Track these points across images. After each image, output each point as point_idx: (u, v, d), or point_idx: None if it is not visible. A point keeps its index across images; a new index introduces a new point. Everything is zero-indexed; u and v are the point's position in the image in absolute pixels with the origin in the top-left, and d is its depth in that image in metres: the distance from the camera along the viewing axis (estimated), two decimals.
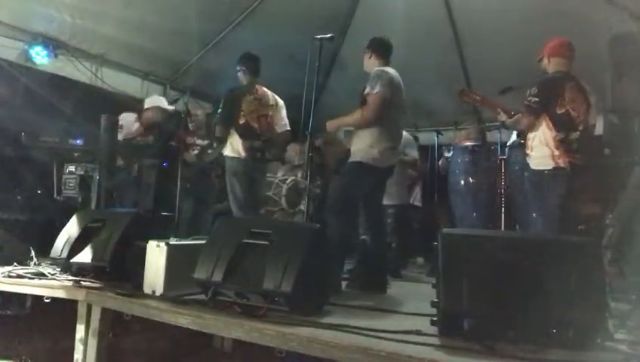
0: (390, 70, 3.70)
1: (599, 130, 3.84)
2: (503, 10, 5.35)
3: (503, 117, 3.97)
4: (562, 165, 3.44)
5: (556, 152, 3.46)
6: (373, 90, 3.54)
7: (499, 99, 4.10)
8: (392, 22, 5.66)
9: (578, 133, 3.51)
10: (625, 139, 3.59)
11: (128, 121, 4.91)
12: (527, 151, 3.66)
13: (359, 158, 3.60)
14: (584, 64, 3.90)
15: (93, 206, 4.03)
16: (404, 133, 5.27)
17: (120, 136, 4.61)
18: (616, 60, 4.33)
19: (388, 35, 3.97)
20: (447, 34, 6.05)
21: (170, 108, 5.17)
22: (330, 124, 3.85)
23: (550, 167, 3.47)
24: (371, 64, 3.81)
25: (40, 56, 5.14)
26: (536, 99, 3.54)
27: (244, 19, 5.92)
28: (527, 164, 3.73)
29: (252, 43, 5.89)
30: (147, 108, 5.05)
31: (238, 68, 4.49)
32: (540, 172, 3.54)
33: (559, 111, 3.50)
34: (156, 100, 5.20)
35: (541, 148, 3.53)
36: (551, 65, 3.74)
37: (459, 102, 4.56)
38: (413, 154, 5.48)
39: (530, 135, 3.63)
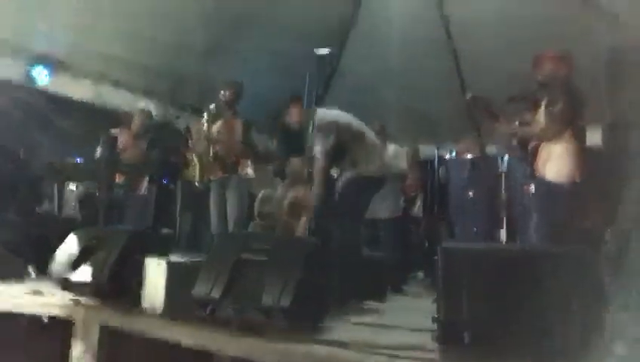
0: (330, 114, 3.67)
1: (597, 140, 3.82)
2: (500, 17, 5.36)
3: (503, 128, 3.87)
4: (577, 179, 3.37)
5: (576, 164, 3.38)
6: (317, 157, 3.55)
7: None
8: (389, 32, 5.68)
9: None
10: (623, 151, 3.56)
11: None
12: (547, 164, 3.52)
13: (355, 173, 3.66)
14: (581, 73, 3.89)
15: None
16: (392, 145, 5.22)
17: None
18: (614, 72, 4.34)
19: (387, 46, 3.96)
20: (446, 45, 6.06)
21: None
22: None
23: (566, 181, 3.39)
24: (298, 114, 3.83)
25: (41, 76, 5.19)
26: (570, 108, 3.43)
27: (244, 32, 5.95)
28: (531, 175, 3.62)
29: (252, 55, 5.95)
30: (134, 116, 5.19)
31: (233, 94, 4.56)
32: (554, 184, 3.43)
33: (582, 123, 3.44)
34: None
35: (563, 160, 3.40)
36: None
37: (457, 114, 4.57)
38: (402, 165, 5.38)
39: (548, 147, 3.52)
